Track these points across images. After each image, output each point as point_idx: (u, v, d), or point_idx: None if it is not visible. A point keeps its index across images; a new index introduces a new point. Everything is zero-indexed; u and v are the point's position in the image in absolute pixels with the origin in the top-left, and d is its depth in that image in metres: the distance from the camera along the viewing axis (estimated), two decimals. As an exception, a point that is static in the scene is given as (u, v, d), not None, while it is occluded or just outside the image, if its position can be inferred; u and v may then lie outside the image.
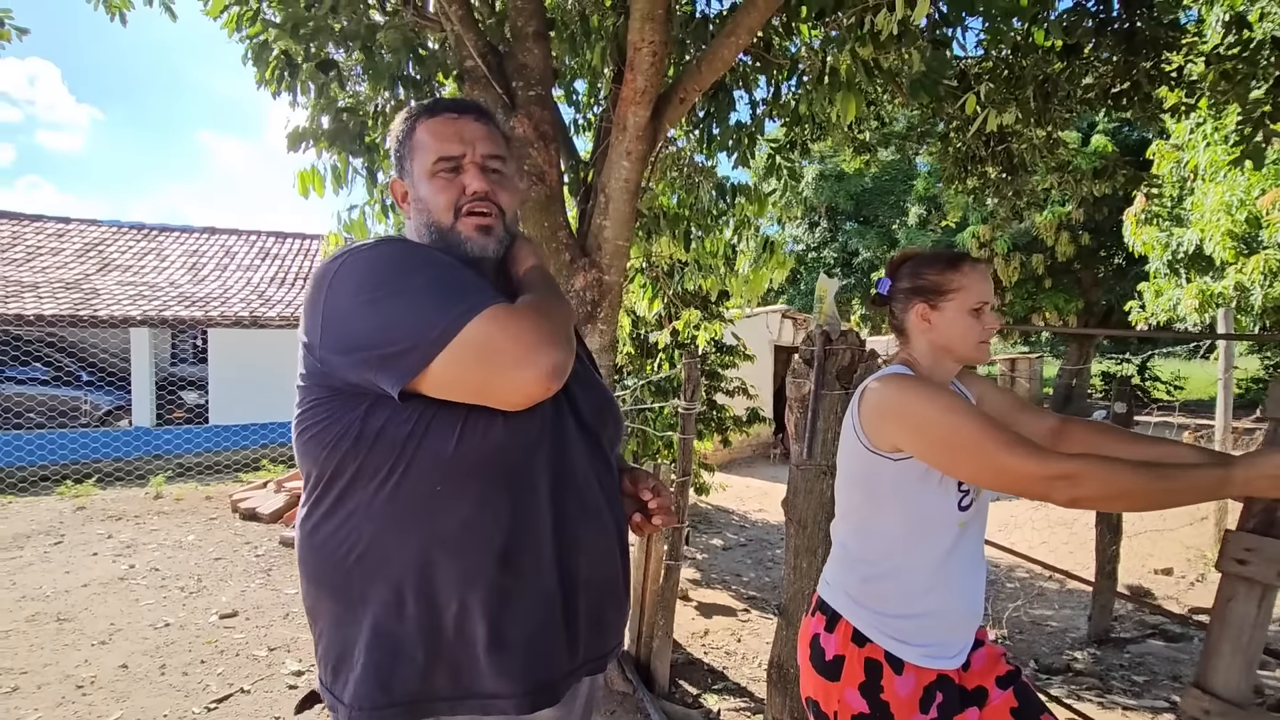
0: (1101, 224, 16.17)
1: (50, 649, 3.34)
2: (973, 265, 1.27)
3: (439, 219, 1.00)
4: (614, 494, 1.08)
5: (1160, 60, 3.39)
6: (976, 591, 1.28)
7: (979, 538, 1.30)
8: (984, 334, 1.27)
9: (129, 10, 3.53)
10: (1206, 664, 1.15)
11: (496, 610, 0.88)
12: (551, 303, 0.95)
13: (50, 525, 5.92)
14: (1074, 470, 1.02)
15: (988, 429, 1.09)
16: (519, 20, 2.87)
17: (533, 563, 0.91)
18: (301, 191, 3.05)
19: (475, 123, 1.03)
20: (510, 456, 0.89)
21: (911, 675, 1.22)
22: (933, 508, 1.23)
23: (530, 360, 0.82)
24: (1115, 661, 3.60)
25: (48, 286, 9.82)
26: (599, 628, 1.01)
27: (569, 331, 0.92)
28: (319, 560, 0.91)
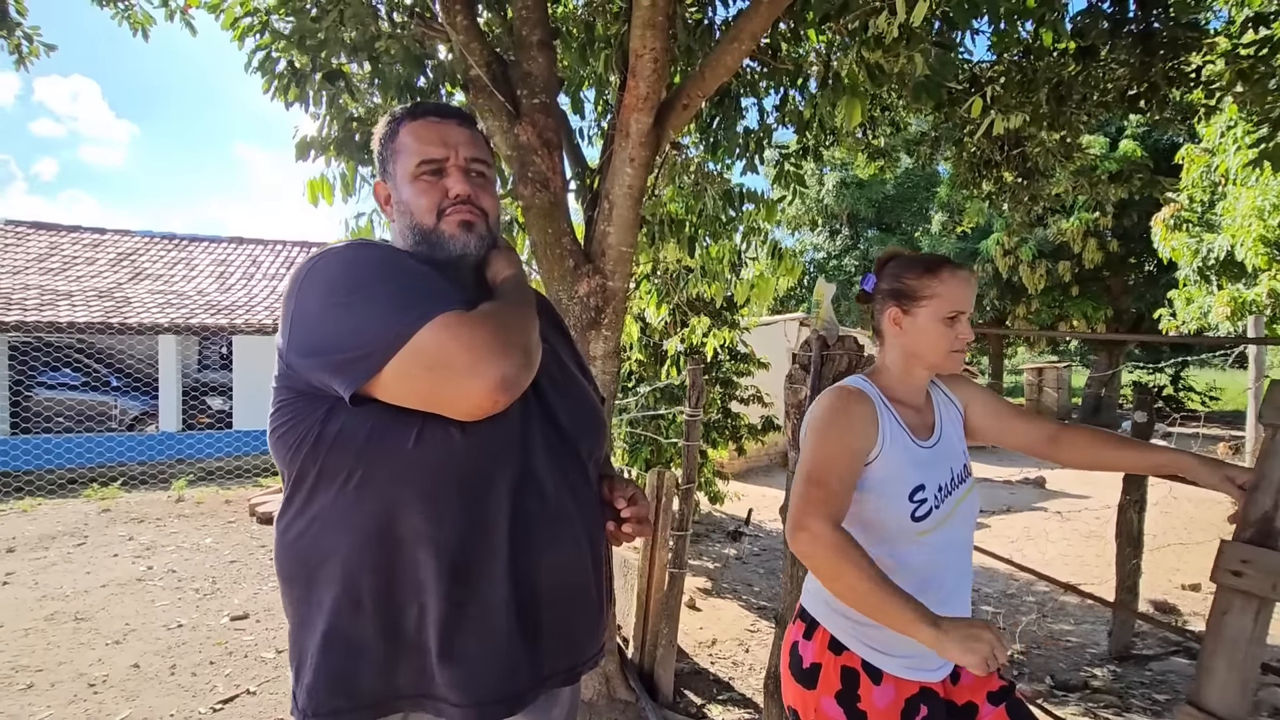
0: (1131, 230, 15.83)
1: (66, 647, 3.42)
2: (952, 272, 1.24)
3: (421, 220, 1.01)
4: (589, 503, 1.06)
5: (1179, 61, 3.31)
6: (959, 603, 1.24)
7: (961, 549, 1.26)
8: (956, 343, 1.24)
9: (151, 26, 3.64)
10: (1201, 681, 1.11)
11: (447, 620, 0.87)
12: (513, 312, 0.93)
13: (75, 527, 6.08)
14: (812, 544, 1.10)
15: (825, 478, 1.16)
16: (524, 29, 2.89)
17: (486, 574, 0.89)
18: (311, 200, 3.10)
19: (458, 127, 1.04)
20: (468, 466, 0.88)
21: (891, 686, 1.19)
22: (881, 516, 1.21)
23: (478, 370, 0.81)
24: (1136, 679, 3.48)
25: (81, 295, 10.13)
26: (567, 640, 0.99)
27: (527, 342, 0.90)
28: (288, 559, 0.92)
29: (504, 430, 0.92)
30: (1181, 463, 1.23)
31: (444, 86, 3.33)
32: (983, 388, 1.43)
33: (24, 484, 7.90)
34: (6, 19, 3.48)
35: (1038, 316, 18.31)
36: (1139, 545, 3.71)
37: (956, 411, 1.36)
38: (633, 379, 6.43)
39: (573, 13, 3.78)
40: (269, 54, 2.68)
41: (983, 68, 3.76)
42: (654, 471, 3.35)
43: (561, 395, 1.06)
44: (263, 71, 2.69)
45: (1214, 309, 9.12)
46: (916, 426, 1.27)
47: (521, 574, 0.92)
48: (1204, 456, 1.21)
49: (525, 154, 2.89)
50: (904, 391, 1.29)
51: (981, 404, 1.39)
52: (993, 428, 1.38)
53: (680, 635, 3.87)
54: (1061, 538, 6.10)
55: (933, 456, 1.25)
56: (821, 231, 23.89)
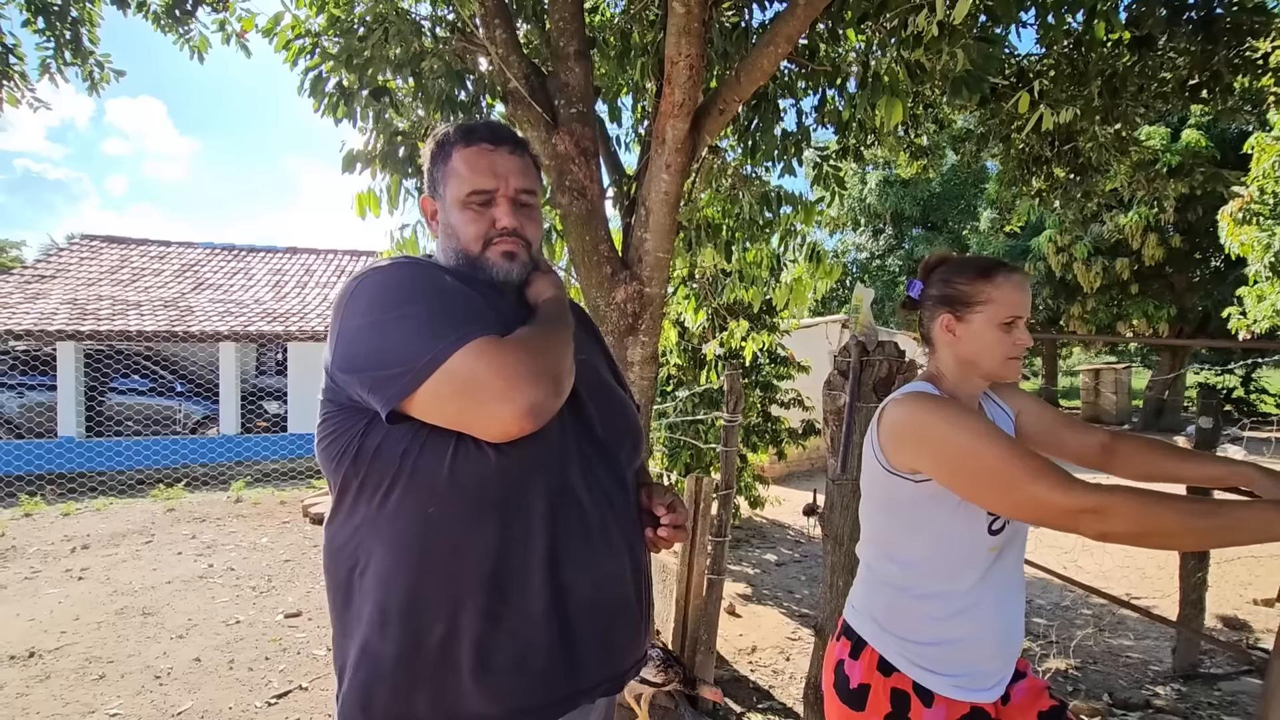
0: (1195, 224, 15.04)
1: (135, 640, 3.61)
2: (1007, 275, 1.19)
3: (467, 248, 1.04)
4: (628, 512, 1.06)
5: (1243, 47, 3.14)
6: (1014, 619, 1.21)
7: (1017, 561, 1.23)
8: (1014, 350, 1.18)
9: (208, 50, 3.83)
10: (1269, 704, 1.05)
11: (484, 634, 0.88)
12: (548, 337, 0.93)
13: (143, 525, 6.41)
14: (1103, 504, 0.93)
15: (1013, 456, 1.02)
16: (560, 40, 2.94)
17: (524, 587, 0.90)
18: (359, 212, 3.21)
19: (510, 155, 1.06)
20: (505, 480, 0.90)
21: (942, 708, 1.16)
22: (958, 532, 1.16)
23: (508, 396, 0.82)
24: (1203, 699, 3.30)
25: (149, 304, 10.69)
26: (608, 650, 0.99)
27: (559, 369, 0.90)
28: (334, 568, 0.95)
29: (541, 445, 0.92)
30: (1244, 475, 1.17)
31: (485, 99, 3.40)
32: (1033, 396, 1.39)
33: (97, 484, 8.37)
34: (80, 48, 3.71)
35: (1094, 316, 17.54)
36: (1204, 557, 3.52)
37: (1009, 420, 1.33)
38: (671, 383, 6.43)
39: (610, 21, 3.82)
40: (319, 74, 2.79)
41: (1031, 61, 3.64)
42: (692, 477, 3.34)
43: (599, 405, 1.07)
44: (313, 93, 2.80)
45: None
46: None
47: (560, 586, 0.93)
48: (1269, 469, 1.15)
49: (563, 163, 2.93)
50: (965, 400, 1.26)
51: (1033, 413, 1.35)
52: (1043, 437, 1.34)
53: (720, 642, 3.85)
54: (1121, 549, 5.82)
55: None
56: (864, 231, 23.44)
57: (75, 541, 5.74)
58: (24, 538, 5.90)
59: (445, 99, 3.11)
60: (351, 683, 0.89)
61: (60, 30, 3.66)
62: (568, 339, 0.97)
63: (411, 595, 0.88)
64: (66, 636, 3.65)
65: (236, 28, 3.77)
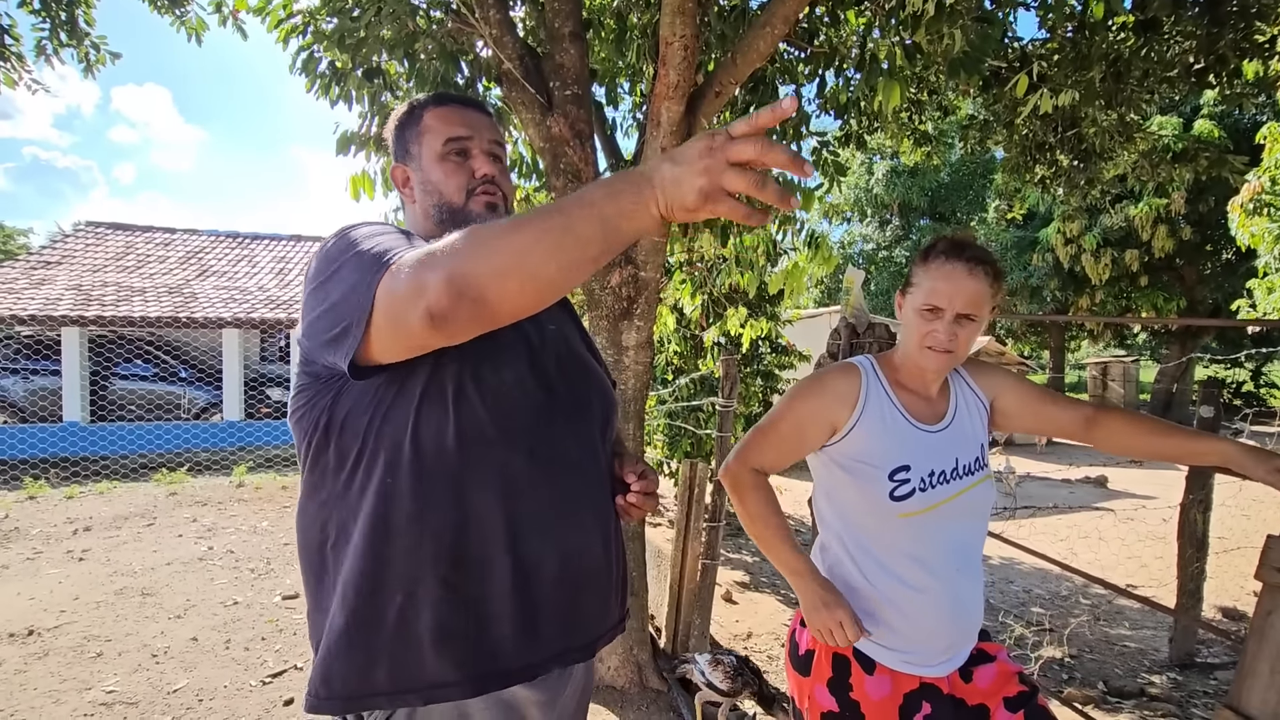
0: (1206, 215, 14.89)
1: (133, 620, 3.64)
2: (941, 264, 1.16)
3: (451, 199, 1.04)
4: (599, 481, 1.06)
5: (1250, 30, 3.09)
6: (961, 596, 1.20)
7: (961, 539, 1.21)
8: (930, 339, 1.16)
9: (205, 31, 3.82)
10: (1242, 683, 1.04)
11: (442, 605, 0.88)
12: (468, 236, 0.74)
13: (145, 509, 6.46)
14: (737, 486, 1.26)
15: (764, 431, 1.27)
16: (556, 22, 2.91)
17: (485, 558, 0.90)
18: (353, 195, 3.20)
19: (478, 113, 1.09)
20: (465, 451, 0.89)
21: (886, 678, 1.16)
22: (860, 497, 1.19)
23: (411, 303, 0.74)
24: (1199, 688, 3.29)
25: (153, 291, 10.74)
26: (575, 619, 0.99)
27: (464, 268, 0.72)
28: (305, 543, 0.96)
29: (505, 414, 0.92)
30: (1227, 452, 1.15)
31: (481, 81, 3.38)
32: (1014, 375, 1.37)
33: (101, 468, 8.44)
34: (76, 29, 3.70)
35: (1102, 308, 17.42)
36: (1203, 547, 3.50)
37: (980, 404, 1.31)
38: (671, 370, 6.43)
39: (608, 4, 3.78)
40: (311, 54, 2.77)
41: (1035, 45, 3.59)
42: (686, 462, 3.34)
43: (569, 375, 1.07)
44: (305, 71, 2.78)
45: (1298, 298, 8.51)
46: (920, 411, 1.23)
47: (524, 555, 0.92)
48: (1252, 446, 1.13)
49: (557, 146, 2.91)
50: (909, 376, 1.26)
51: (1013, 393, 1.33)
52: (1026, 414, 1.33)
53: (716, 628, 3.86)
54: (1118, 538, 5.81)
55: (933, 441, 1.21)
56: (871, 222, 23.31)
57: (77, 524, 5.80)
58: (27, 520, 5.96)
59: (440, 80, 3.09)
60: (321, 656, 0.90)
61: (56, 11, 3.65)
62: (507, 238, 0.73)
63: (372, 568, 0.88)
64: (65, 615, 3.69)
65: (231, 7, 3.74)
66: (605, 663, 3.02)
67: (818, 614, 1.14)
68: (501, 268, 0.71)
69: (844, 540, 1.24)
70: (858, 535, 1.22)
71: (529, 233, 0.71)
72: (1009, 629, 3.57)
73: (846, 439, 1.20)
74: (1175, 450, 1.21)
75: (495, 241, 0.72)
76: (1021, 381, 1.35)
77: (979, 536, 1.27)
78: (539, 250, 0.71)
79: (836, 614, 1.13)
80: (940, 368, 1.20)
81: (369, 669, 0.88)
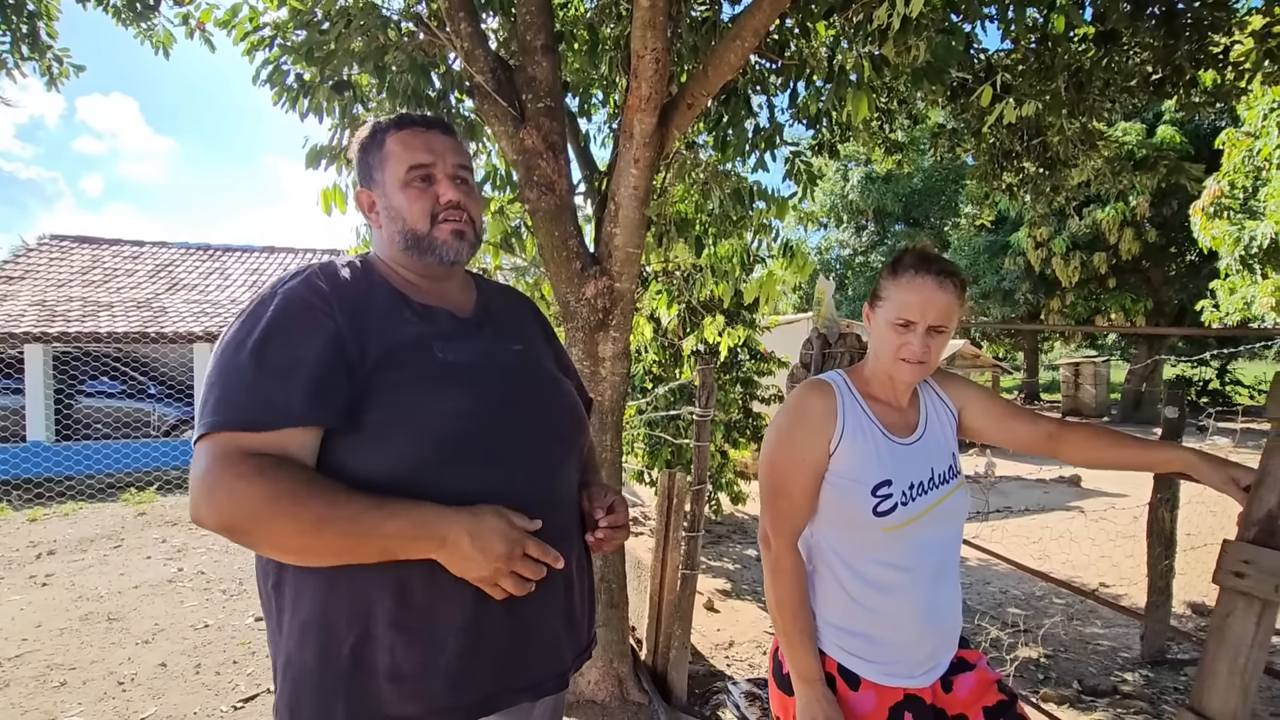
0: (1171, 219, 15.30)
1: (98, 646, 3.53)
2: (911, 278, 1.17)
3: (415, 226, 1.03)
4: (563, 510, 1.05)
5: (1205, 42, 3.19)
6: (940, 605, 1.21)
7: (940, 548, 1.23)
8: (904, 351, 1.18)
9: (173, 44, 3.76)
10: (1202, 684, 1.06)
11: (395, 641, 0.87)
12: (302, 504, 0.82)
13: (113, 530, 6.29)
14: (773, 563, 1.23)
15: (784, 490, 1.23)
16: (528, 34, 2.91)
17: (435, 593, 0.89)
18: (324, 209, 3.16)
19: (442, 136, 1.07)
20: (408, 485, 0.88)
21: (871, 693, 1.16)
22: (846, 512, 1.19)
23: (197, 500, 0.83)
24: (1169, 684, 3.35)
25: (121, 306, 10.50)
26: (536, 653, 0.98)
27: (276, 528, 0.82)
28: (258, 581, 0.96)
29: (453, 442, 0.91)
30: (1186, 460, 1.18)
31: (454, 94, 3.36)
32: (981, 387, 1.39)
33: (66, 489, 8.21)
34: (38, 42, 3.62)
35: (1073, 310, 17.79)
36: (1171, 545, 3.57)
37: (949, 413, 1.33)
38: (650, 379, 6.43)
39: (580, 15, 3.79)
40: (278, 66, 2.74)
41: (999, 56, 3.67)
42: (664, 473, 3.34)
43: (540, 400, 1.06)
44: (271, 83, 2.75)
45: (1258, 299, 8.78)
46: (894, 424, 1.24)
47: (477, 590, 0.91)
48: (1209, 455, 1.16)
49: (530, 158, 2.90)
50: (880, 389, 1.27)
51: (979, 404, 1.35)
52: (991, 427, 1.34)
53: (697, 637, 3.85)
54: (1089, 538, 5.91)
55: (909, 454, 1.22)
56: (847, 228, 23.60)
57: (41, 547, 5.62)
58: (-11, 544, 5.77)
59: (411, 93, 3.07)
60: (281, 691, 0.91)
61: (17, 24, 3.57)
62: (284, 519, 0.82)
63: (323, 607, 0.88)
64: (28, 644, 3.57)
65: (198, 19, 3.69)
66: (585, 676, 3.00)
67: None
68: (273, 535, 0.82)
69: (823, 552, 1.25)
70: (837, 548, 1.22)
71: (309, 517, 0.81)
72: (985, 631, 3.60)
73: (832, 458, 1.20)
74: (1136, 460, 1.23)
75: (272, 514, 0.81)
76: (987, 394, 1.37)
77: (955, 543, 1.28)
78: (312, 536, 0.82)
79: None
80: (914, 378, 1.22)
81: (330, 702, 0.87)
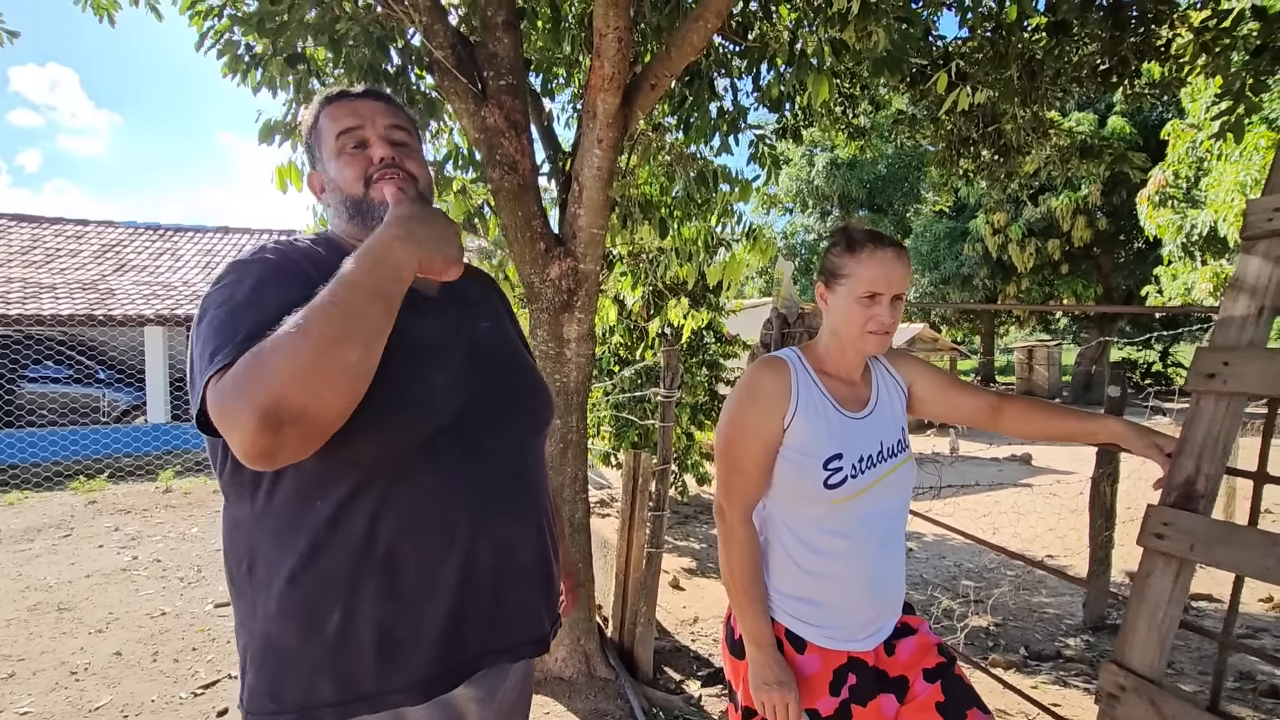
0: (1120, 207, 15.86)
1: (48, 637, 3.44)
2: (872, 251, 1.22)
3: (350, 191, 1.01)
4: (531, 480, 1.07)
5: (1148, 35, 3.30)
6: (885, 572, 1.27)
7: (888, 518, 1.28)
8: (873, 324, 1.23)
9: (116, 11, 3.58)
10: (1124, 639, 1.13)
11: (382, 615, 0.88)
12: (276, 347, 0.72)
13: (61, 519, 6.08)
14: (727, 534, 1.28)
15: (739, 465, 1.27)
16: (488, 10, 2.86)
17: (419, 564, 0.90)
18: (279, 186, 3.07)
19: (373, 101, 1.06)
20: (384, 464, 0.88)
21: (816, 656, 1.21)
22: (798, 484, 1.24)
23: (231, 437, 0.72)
24: (1108, 648, 3.54)
25: (65, 287, 10.05)
26: (512, 616, 1.00)
27: (279, 391, 0.70)
28: (228, 564, 0.95)
29: (420, 423, 0.92)
30: (1113, 430, 1.25)
31: (413, 69, 3.29)
32: (928, 364, 1.45)
33: (10, 478, 7.88)
34: (-35, 6, 3.41)
35: (1028, 295, 18.36)
36: (1111, 517, 3.76)
37: (899, 388, 1.38)
38: (615, 361, 6.45)
39: (543, -10, 3.73)
40: (227, 38, 2.65)
41: (956, 44, 3.74)
42: (629, 454, 3.37)
43: (498, 374, 1.07)
44: (221, 53, 2.65)
45: (1197, 285, 9.18)
46: (846, 399, 1.29)
47: (458, 558, 0.93)
48: (1135, 424, 1.23)
49: (493, 136, 2.87)
50: (834, 365, 1.31)
51: (926, 380, 1.41)
52: (938, 402, 1.40)
53: (663, 614, 3.92)
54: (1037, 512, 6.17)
55: (860, 427, 1.27)
56: (812, 213, 23.84)
57: (-15, 538, 5.42)
58: (-73, 536, 5.53)
59: (369, 68, 2.99)
60: (260, 674, 0.90)
61: (-59, -15, 3.36)
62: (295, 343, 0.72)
63: (304, 586, 0.87)
64: (-29, 636, 3.46)
65: (143, -12, 3.52)
66: (552, 653, 3.03)
67: (767, 691, 1.19)
68: (306, 376, 0.71)
69: (775, 524, 1.29)
70: (788, 519, 1.27)
71: (313, 327, 0.72)
72: (939, 602, 3.75)
73: (786, 432, 1.24)
74: (1069, 430, 1.30)
75: (287, 352, 0.71)
76: (934, 370, 1.43)
77: (902, 513, 1.34)
78: (333, 338, 0.72)
79: (785, 695, 1.18)
80: (880, 349, 1.27)
81: (315, 682, 0.87)
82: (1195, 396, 1.13)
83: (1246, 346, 1.07)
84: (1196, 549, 1.05)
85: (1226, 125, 2.55)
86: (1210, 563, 1.04)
